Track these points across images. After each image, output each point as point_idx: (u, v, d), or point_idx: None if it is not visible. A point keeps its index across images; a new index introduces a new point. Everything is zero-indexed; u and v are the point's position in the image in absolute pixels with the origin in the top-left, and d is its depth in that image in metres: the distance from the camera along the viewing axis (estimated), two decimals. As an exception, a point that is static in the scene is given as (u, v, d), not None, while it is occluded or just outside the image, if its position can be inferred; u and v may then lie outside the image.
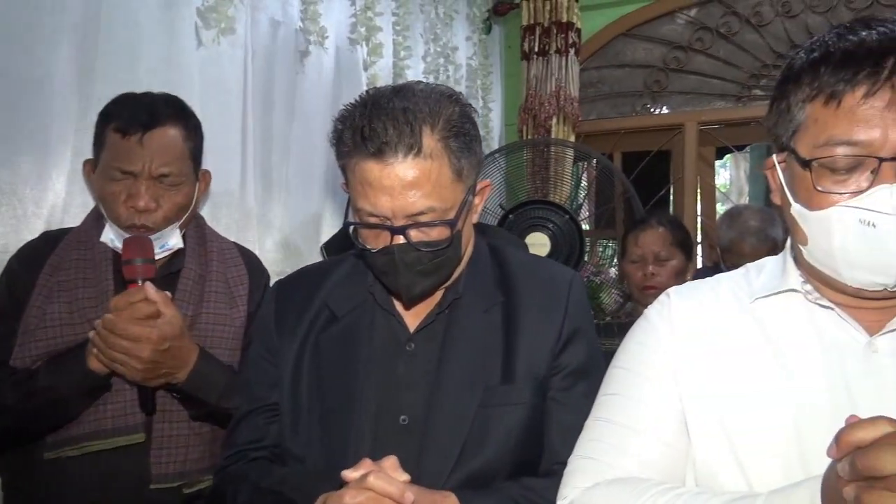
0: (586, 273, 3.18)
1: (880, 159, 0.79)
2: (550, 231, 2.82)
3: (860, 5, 3.08)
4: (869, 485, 0.64)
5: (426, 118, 1.06)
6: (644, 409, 0.94)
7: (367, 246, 1.11)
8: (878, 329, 0.86)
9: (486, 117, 3.58)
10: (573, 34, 3.39)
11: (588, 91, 3.57)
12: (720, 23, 3.33)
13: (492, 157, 3.26)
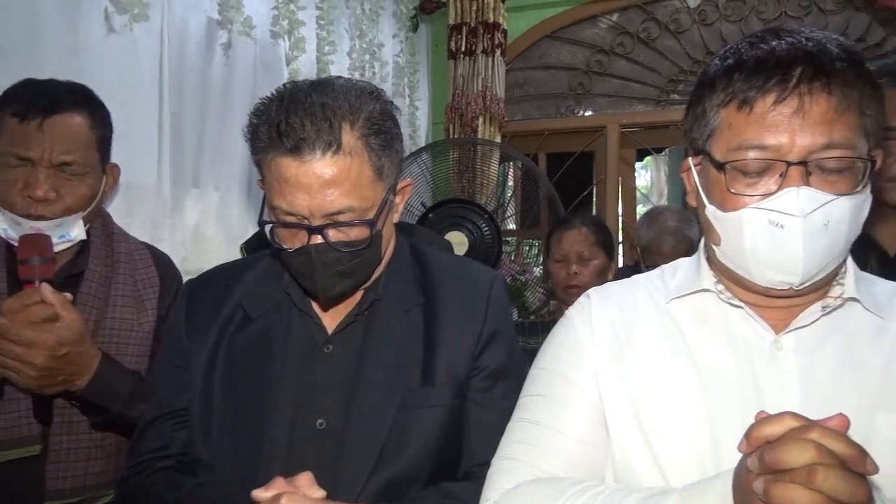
0: (511, 272, 3.21)
1: (788, 163, 0.81)
2: (469, 230, 2.83)
3: (769, 16, 3.23)
4: (776, 478, 0.65)
5: (346, 114, 1.02)
6: (565, 410, 0.95)
7: (283, 245, 1.07)
8: (783, 327, 0.89)
9: (413, 115, 3.56)
10: (499, 35, 3.42)
11: (514, 92, 3.61)
12: (640, 28, 3.42)
13: (418, 154, 3.25)
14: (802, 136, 0.80)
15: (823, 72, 0.80)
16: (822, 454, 0.63)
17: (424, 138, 3.65)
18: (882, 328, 0.88)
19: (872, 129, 0.83)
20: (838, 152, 0.80)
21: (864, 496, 0.62)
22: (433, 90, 3.72)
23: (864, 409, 0.82)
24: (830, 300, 0.89)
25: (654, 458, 0.87)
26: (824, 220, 0.81)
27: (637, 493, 0.83)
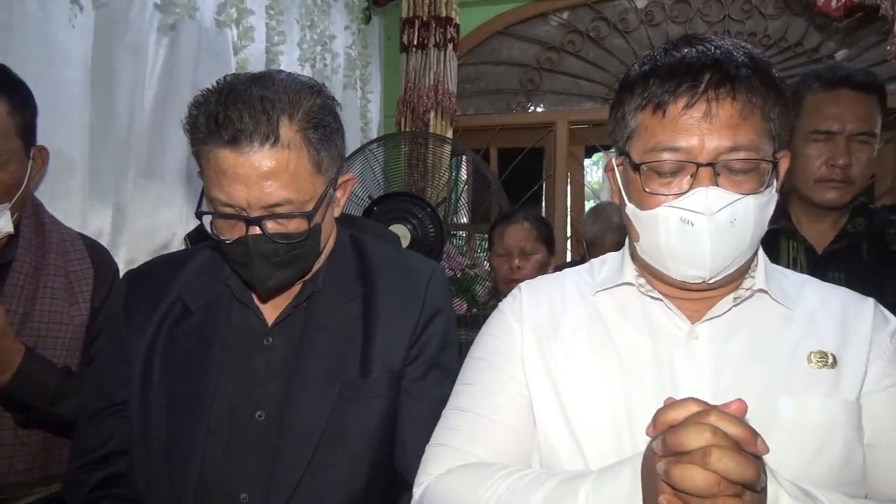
0: (461, 266, 3.24)
1: (698, 164, 0.85)
2: (412, 224, 2.85)
3: (714, 18, 3.31)
4: (676, 459, 0.69)
5: (285, 107, 1.02)
6: (495, 398, 0.98)
7: (222, 236, 1.07)
8: (699, 318, 0.94)
9: (365, 108, 3.56)
10: (452, 29, 3.44)
11: (466, 86, 3.63)
12: (590, 27, 3.48)
13: (368, 147, 3.25)
14: (710, 139, 0.85)
15: (729, 78, 0.84)
16: (717, 437, 0.68)
17: (376, 131, 3.65)
18: (789, 318, 0.93)
19: (777, 131, 0.88)
20: (743, 154, 0.85)
21: (752, 474, 0.67)
22: (386, 83, 3.72)
23: (769, 393, 0.87)
24: (742, 292, 0.94)
25: (576, 443, 0.91)
26: (731, 217, 0.85)
27: (558, 475, 0.87)
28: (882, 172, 3.19)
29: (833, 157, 1.56)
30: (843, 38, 3.17)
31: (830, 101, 1.58)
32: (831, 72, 1.61)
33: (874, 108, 1.58)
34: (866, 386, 0.88)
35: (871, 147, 1.58)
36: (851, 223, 1.65)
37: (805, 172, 1.62)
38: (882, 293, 1.62)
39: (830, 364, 0.89)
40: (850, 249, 1.64)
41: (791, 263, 1.68)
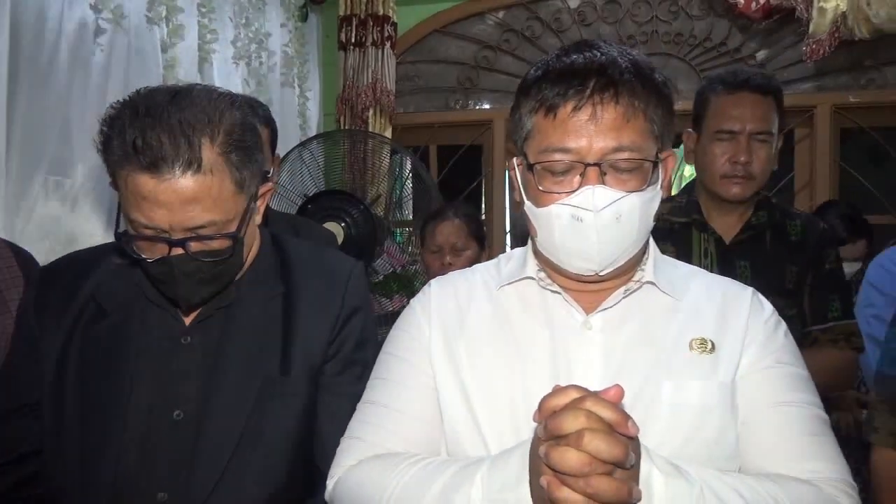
0: (402, 262, 3.28)
1: (586, 164, 0.91)
2: (346, 222, 2.87)
3: (642, 19, 3.42)
4: (556, 442, 0.75)
5: (205, 130, 1.01)
6: (405, 391, 1.02)
7: (142, 255, 1.07)
8: (593, 309, 1.00)
9: (304, 106, 3.55)
10: (389, 27, 3.46)
11: (404, 84, 3.66)
12: (525, 26, 3.55)
13: (307, 144, 3.25)
14: (597, 140, 0.90)
15: (613, 83, 0.90)
16: (590, 421, 0.73)
17: (316, 129, 3.65)
18: (675, 307, 1.00)
19: (660, 132, 0.94)
20: (627, 154, 0.91)
21: (620, 454, 0.73)
22: (325, 81, 3.72)
23: (653, 377, 0.94)
24: (632, 284, 1.00)
25: (478, 431, 0.96)
26: (616, 214, 0.91)
27: (459, 462, 0.91)
28: (800, 169, 3.36)
29: (735, 154, 1.67)
30: (764, 38, 3.31)
31: (732, 103, 1.68)
32: (733, 76, 1.72)
33: (772, 109, 1.69)
34: (741, 369, 0.95)
35: (769, 145, 1.69)
36: (755, 216, 1.76)
37: (711, 169, 1.71)
38: (783, 279, 1.74)
39: (710, 350, 0.96)
40: (754, 240, 1.75)
41: (703, 254, 1.77)
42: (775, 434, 0.93)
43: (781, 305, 1.72)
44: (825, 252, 1.76)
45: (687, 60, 3.39)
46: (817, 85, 3.29)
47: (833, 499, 0.87)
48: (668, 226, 1.81)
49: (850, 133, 3.40)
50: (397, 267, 3.22)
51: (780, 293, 1.73)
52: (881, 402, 0.91)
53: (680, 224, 1.80)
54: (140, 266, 1.12)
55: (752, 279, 1.73)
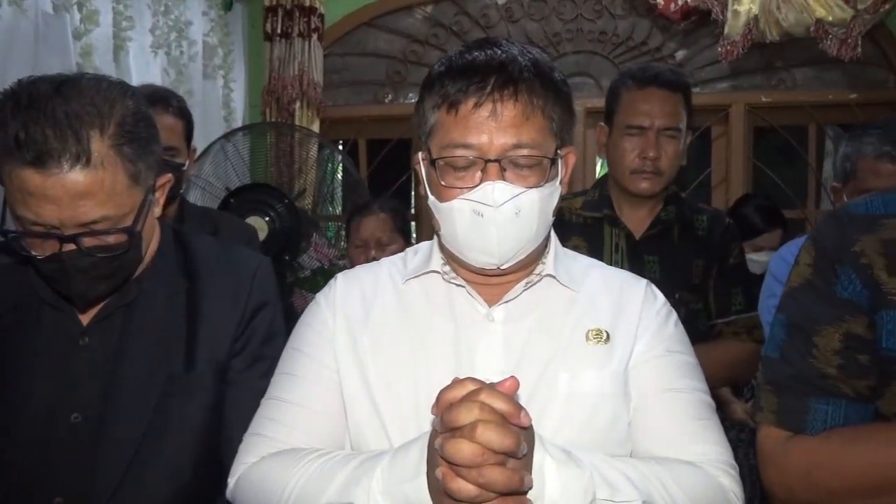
0: (329, 257, 3.25)
1: (486, 160, 0.92)
2: (270, 217, 2.83)
3: (568, 17, 3.48)
4: (451, 434, 0.76)
5: (94, 121, 0.97)
6: (309, 386, 1.02)
7: (31, 253, 1.02)
8: (496, 301, 1.01)
9: (228, 97, 3.47)
10: (316, 19, 3.41)
11: (332, 77, 3.62)
12: (453, 21, 3.56)
13: (232, 136, 3.18)
14: (497, 137, 0.92)
15: (512, 81, 0.92)
16: (484, 412, 0.75)
17: (241, 121, 3.57)
18: (574, 299, 1.03)
19: (559, 129, 0.96)
20: (527, 151, 0.93)
21: (511, 444, 0.75)
22: (250, 72, 3.64)
23: (551, 368, 0.96)
24: (533, 277, 1.02)
25: (381, 424, 0.96)
26: (515, 209, 0.93)
27: (361, 455, 0.92)
28: (717, 165, 3.49)
29: (644, 150, 1.71)
30: (683, 39, 3.43)
31: (641, 99, 1.72)
32: (643, 71, 1.76)
33: (680, 105, 1.74)
34: (634, 358, 0.99)
35: (678, 141, 1.74)
36: (664, 211, 1.81)
37: (621, 164, 1.76)
38: (690, 273, 1.80)
39: (604, 340, 0.99)
40: (663, 235, 1.81)
41: (613, 249, 1.82)
42: (664, 419, 0.97)
43: (688, 299, 1.80)
44: (729, 247, 1.84)
45: (610, 58, 3.47)
46: (732, 85, 3.43)
47: (715, 479, 0.92)
48: (580, 221, 1.85)
49: (764, 131, 3.56)
50: (324, 262, 3.19)
51: (687, 287, 1.80)
52: (766, 382, 0.96)
53: (592, 219, 1.84)
54: (31, 264, 1.08)
55: (661, 274, 1.79)
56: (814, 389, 0.92)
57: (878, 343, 0.89)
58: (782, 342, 0.97)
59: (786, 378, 0.95)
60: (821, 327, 0.92)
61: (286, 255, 3.04)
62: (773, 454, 0.94)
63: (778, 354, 0.97)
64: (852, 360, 0.90)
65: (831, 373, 0.91)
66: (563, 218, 1.87)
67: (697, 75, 3.42)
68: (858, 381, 0.90)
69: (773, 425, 0.95)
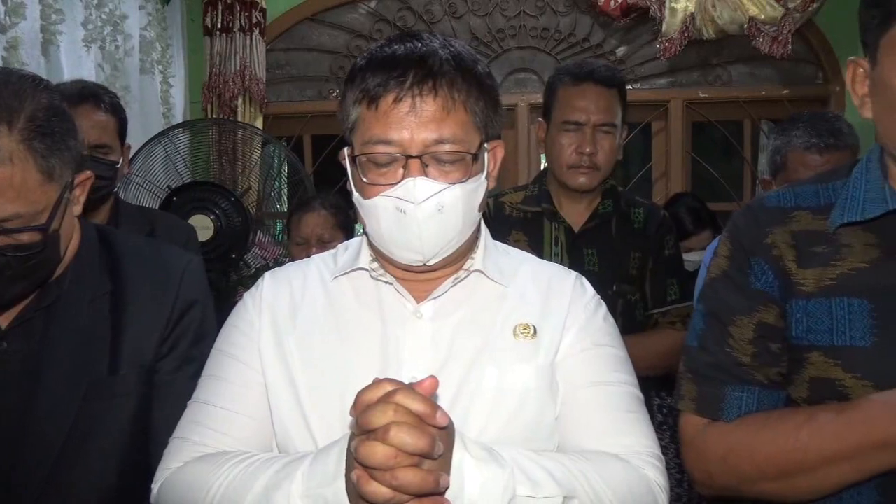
0: (275, 255, 3.21)
1: (407, 156, 0.92)
2: (215, 214, 2.78)
3: (511, 13, 3.51)
4: (366, 437, 0.76)
5: (2, 116, 0.94)
6: (233, 388, 1.00)
7: None
8: (424, 298, 1.01)
9: (167, 93, 3.38)
10: (258, 13, 3.36)
11: (276, 73, 3.57)
12: (397, 16, 3.54)
13: (172, 133, 3.11)
14: (418, 132, 0.91)
15: (432, 75, 0.91)
16: (398, 414, 0.75)
17: (181, 117, 3.49)
18: (503, 295, 1.03)
19: (483, 124, 0.96)
20: (449, 146, 0.92)
21: (426, 445, 0.75)
22: (190, 67, 3.56)
23: (478, 364, 0.96)
24: (461, 273, 1.02)
25: (307, 427, 0.95)
26: (438, 205, 0.93)
27: (284, 458, 0.91)
28: (657, 160, 3.57)
29: (581, 145, 1.74)
30: (623, 36, 3.49)
31: (577, 95, 1.75)
32: (579, 68, 1.79)
33: (615, 101, 1.77)
34: (561, 352, 1.00)
35: (613, 136, 1.77)
36: (602, 204, 1.85)
37: (559, 159, 1.79)
38: (627, 265, 1.84)
39: (532, 334, 0.99)
40: (601, 228, 1.85)
41: (553, 242, 1.85)
42: (591, 412, 0.98)
43: (626, 290, 1.85)
44: (665, 239, 1.88)
45: (553, 55, 3.51)
46: (671, 81, 3.50)
47: (639, 470, 0.94)
48: (521, 215, 1.87)
49: (702, 126, 3.65)
50: (269, 260, 3.15)
51: (625, 279, 1.84)
52: (686, 371, 0.99)
53: (532, 213, 1.86)
54: None
55: (599, 266, 1.82)
56: (729, 378, 0.95)
57: (788, 332, 0.93)
58: (701, 332, 1.00)
59: (704, 367, 0.98)
60: (736, 317, 0.96)
61: (233, 254, 2.99)
62: (693, 441, 0.97)
63: (697, 343, 1.00)
64: (765, 348, 0.94)
65: (745, 361, 0.94)
66: (504, 212, 1.89)
67: (637, 72, 3.49)
68: (770, 368, 0.94)
69: (693, 413, 0.98)
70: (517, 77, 3.54)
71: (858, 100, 0.93)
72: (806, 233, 0.94)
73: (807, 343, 0.91)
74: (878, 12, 0.86)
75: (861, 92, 0.92)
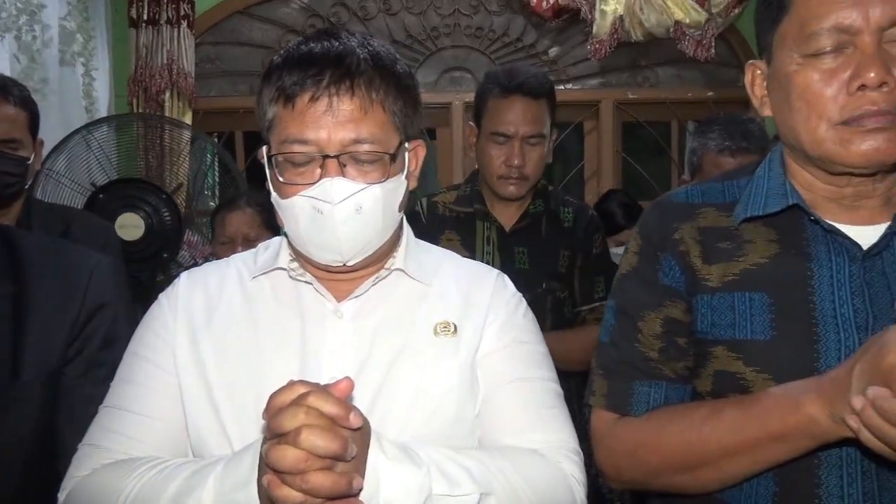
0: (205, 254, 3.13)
1: (324, 156, 0.91)
2: (145, 212, 2.70)
3: (445, 11, 3.51)
4: (278, 441, 0.75)
5: None
6: (145, 392, 0.97)
7: None
8: (345, 297, 1.00)
9: (89, 86, 3.25)
10: (185, 6, 3.27)
11: (205, 67, 3.49)
12: (330, 12, 3.51)
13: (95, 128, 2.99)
14: (335, 132, 0.90)
15: (349, 74, 0.90)
16: (309, 417, 0.74)
17: (105, 111, 3.36)
18: (425, 293, 1.02)
19: (402, 123, 0.96)
20: (367, 146, 0.91)
21: (337, 448, 0.74)
22: (115, 60, 3.43)
23: (398, 364, 0.96)
24: (382, 272, 1.02)
25: (222, 430, 0.93)
26: (356, 206, 0.92)
27: (197, 463, 0.89)
28: (589, 159, 3.64)
29: (509, 157, 1.75)
30: (556, 36, 3.54)
31: (506, 107, 1.75)
32: (508, 78, 1.77)
33: (544, 111, 1.78)
34: (482, 349, 1.00)
35: (542, 146, 1.79)
36: (533, 204, 1.87)
37: (488, 168, 1.80)
38: (557, 263, 1.87)
39: (453, 332, 0.99)
40: (532, 227, 1.87)
41: (485, 241, 1.87)
42: (511, 408, 0.98)
43: (555, 288, 1.87)
44: (593, 237, 1.92)
45: (487, 54, 3.53)
46: (602, 82, 3.58)
47: (556, 464, 0.95)
48: (453, 215, 1.88)
49: (633, 126, 3.74)
50: (199, 259, 3.07)
51: (554, 277, 1.87)
52: (597, 367, 1.01)
53: (464, 213, 1.87)
54: None
55: (530, 264, 1.85)
56: (638, 372, 0.97)
57: (694, 326, 0.96)
58: (612, 327, 1.02)
59: (614, 362, 1.00)
60: (644, 313, 0.98)
61: (165, 253, 2.91)
62: (603, 436, 0.99)
63: (608, 339, 1.03)
64: (672, 343, 0.97)
65: (653, 356, 0.97)
66: (438, 212, 1.90)
67: (569, 72, 3.55)
68: (677, 362, 0.97)
69: (604, 408, 1.00)
70: (452, 75, 3.55)
71: (758, 101, 0.97)
72: (712, 229, 0.97)
73: (711, 337, 0.94)
74: (770, 11, 0.90)
75: (760, 93, 0.96)
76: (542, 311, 1.84)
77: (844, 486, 0.84)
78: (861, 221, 0.91)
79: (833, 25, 0.84)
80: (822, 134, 0.86)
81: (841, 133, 0.85)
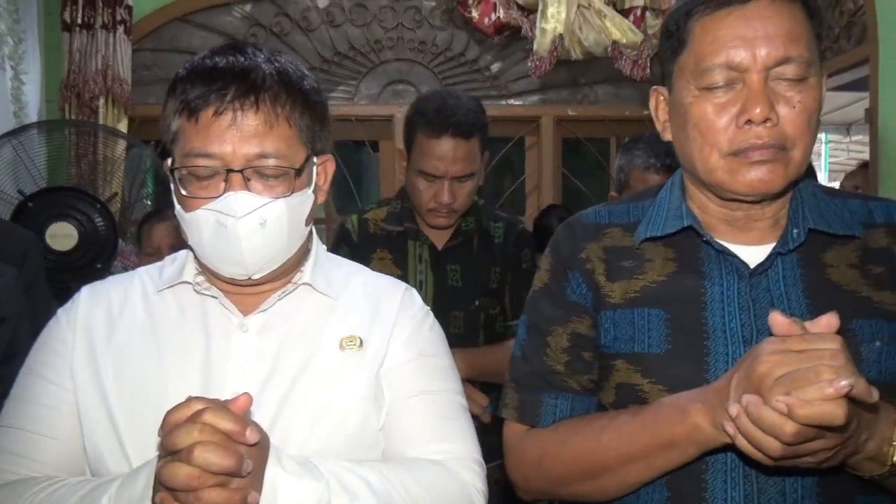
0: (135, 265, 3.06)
1: (228, 170, 0.90)
2: (78, 221, 2.62)
3: (389, 25, 3.53)
4: (171, 458, 0.74)
5: None
6: (41, 410, 0.94)
7: None
8: (251, 312, 0.99)
9: (18, 90, 3.15)
10: (122, 10, 3.21)
11: (143, 74, 3.42)
12: (273, 22, 3.48)
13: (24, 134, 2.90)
14: (239, 147, 0.89)
15: (254, 89, 0.90)
16: (203, 434, 0.73)
17: (35, 117, 3.26)
18: (332, 307, 1.02)
19: (308, 139, 0.96)
20: (272, 161, 0.91)
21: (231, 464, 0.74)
22: (46, 64, 3.33)
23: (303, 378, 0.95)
24: (288, 286, 1.01)
25: (121, 446, 0.91)
26: (261, 220, 0.91)
27: (92, 482, 0.87)
28: (530, 173, 3.69)
29: (438, 195, 1.72)
30: (497, 52, 3.59)
31: (434, 147, 1.71)
32: (437, 115, 1.71)
33: (475, 148, 1.75)
34: (387, 362, 1.00)
35: (472, 181, 1.77)
36: (465, 221, 1.88)
37: (418, 200, 1.77)
38: (488, 279, 1.88)
39: (358, 346, 0.99)
40: (464, 244, 1.87)
41: (417, 260, 1.86)
42: (414, 420, 0.99)
43: (487, 304, 1.88)
44: (523, 252, 1.94)
45: (430, 68, 3.56)
46: (542, 98, 3.64)
47: (457, 474, 0.96)
48: (384, 234, 1.87)
49: (573, 143, 3.81)
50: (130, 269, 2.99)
51: (486, 293, 1.88)
52: (509, 380, 1.03)
53: (396, 232, 1.86)
54: None
55: (462, 281, 1.85)
56: (545, 385, 0.99)
57: (598, 341, 0.98)
58: (524, 342, 1.04)
59: (524, 376, 1.02)
60: (553, 328, 1.00)
61: (99, 263, 2.83)
62: (513, 448, 1.01)
63: (520, 353, 1.04)
64: (578, 357, 0.99)
65: (560, 369, 0.99)
66: (369, 231, 1.88)
67: (511, 87, 3.60)
68: (582, 375, 0.99)
69: (515, 420, 1.02)
70: (395, 88, 3.57)
71: (661, 125, 1.00)
72: (616, 248, 1.00)
73: (613, 351, 0.96)
74: (671, 43, 0.94)
75: (663, 118, 1.00)
76: (475, 327, 1.85)
77: (728, 490, 0.88)
78: (751, 241, 0.95)
79: (724, 62, 0.88)
80: (713, 163, 0.90)
81: (730, 163, 0.89)
